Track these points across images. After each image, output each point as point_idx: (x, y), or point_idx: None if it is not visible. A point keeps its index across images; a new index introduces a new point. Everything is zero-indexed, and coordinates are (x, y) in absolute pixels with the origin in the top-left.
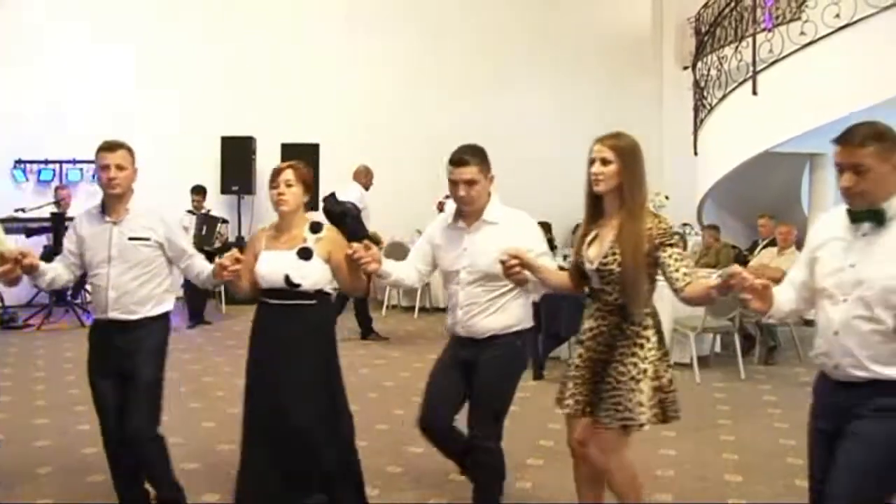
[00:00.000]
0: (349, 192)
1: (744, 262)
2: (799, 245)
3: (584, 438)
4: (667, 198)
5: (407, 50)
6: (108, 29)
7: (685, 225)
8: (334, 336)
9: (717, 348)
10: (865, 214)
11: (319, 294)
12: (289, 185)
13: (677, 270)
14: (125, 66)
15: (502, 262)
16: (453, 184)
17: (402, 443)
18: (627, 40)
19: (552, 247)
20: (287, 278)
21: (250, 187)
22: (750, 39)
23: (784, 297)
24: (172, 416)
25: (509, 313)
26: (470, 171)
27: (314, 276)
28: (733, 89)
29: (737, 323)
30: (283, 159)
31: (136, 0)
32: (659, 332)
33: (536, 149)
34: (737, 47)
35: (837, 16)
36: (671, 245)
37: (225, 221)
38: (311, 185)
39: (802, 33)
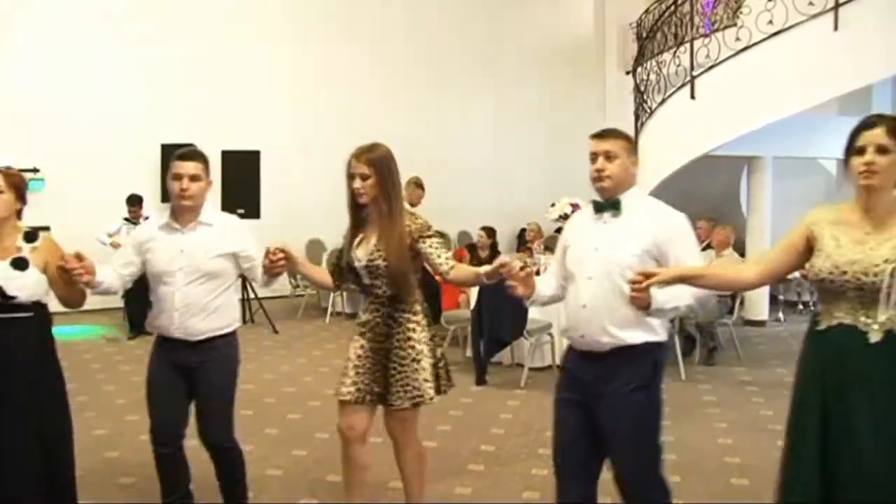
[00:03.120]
0: None
1: None
2: (737, 247)
3: (353, 424)
4: None
5: (347, 57)
6: (45, 32)
7: None
8: (54, 348)
9: None
10: (606, 205)
11: (36, 306)
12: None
13: (439, 256)
14: (61, 71)
15: (269, 256)
16: (178, 178)
17: None
18: (570, 46)
19: (495, 252)
20: (1, 290)
21: None
22: (688, 45)
23: (545, 284)
24: (109, 429)
25: (225, 315)
26: (195, 167)
27: (30, 287)
28: (672, 94)
29: (677, 325)
30: (224, 167)
31: (73, 4)
32: (426, 317)
33: (480, 155)
34: (675, 52)
35: (770, 22)
36: (430, 237)
37: None
38: (23, 192)
39: (738, 39)
